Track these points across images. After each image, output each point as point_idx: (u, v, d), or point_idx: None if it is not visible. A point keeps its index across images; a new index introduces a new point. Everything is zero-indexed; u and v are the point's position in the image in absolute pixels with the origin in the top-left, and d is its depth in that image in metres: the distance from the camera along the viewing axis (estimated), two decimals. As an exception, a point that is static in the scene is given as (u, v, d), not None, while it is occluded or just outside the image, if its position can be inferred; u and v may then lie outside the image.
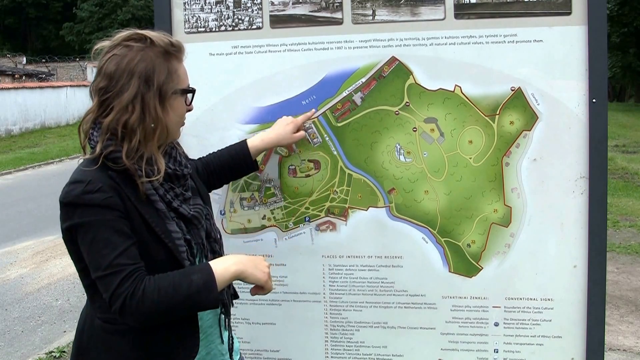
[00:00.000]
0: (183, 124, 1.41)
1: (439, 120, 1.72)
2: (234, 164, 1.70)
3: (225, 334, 1.52)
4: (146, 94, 1.27)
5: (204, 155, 1.72)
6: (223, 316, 1.49)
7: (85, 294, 1.39)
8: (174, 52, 1.33)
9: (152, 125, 1.27)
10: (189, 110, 1.41)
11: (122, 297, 1.21)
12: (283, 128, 1.72)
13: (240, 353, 1.62)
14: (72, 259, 1.35)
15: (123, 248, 1.23)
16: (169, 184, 1.36)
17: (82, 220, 1.24)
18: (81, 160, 1.31)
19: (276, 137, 1.71)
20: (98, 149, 1.27)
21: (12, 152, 14.58)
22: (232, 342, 1.54)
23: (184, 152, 1.53)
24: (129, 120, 1.25)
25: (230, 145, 1.73)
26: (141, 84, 1.26)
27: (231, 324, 1.55)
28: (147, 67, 1.27)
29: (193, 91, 1.39)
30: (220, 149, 1.74)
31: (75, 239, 1.27)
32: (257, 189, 1.84)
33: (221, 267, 1.31)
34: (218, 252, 1.48)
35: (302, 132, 1.75)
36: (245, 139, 1.73)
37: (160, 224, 1.31)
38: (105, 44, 1.32)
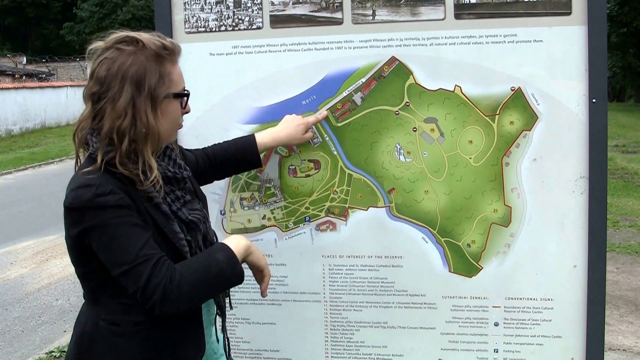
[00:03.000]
0: (180, 126, 1.39)
1: (439, 120, 1.72)
2: (240, 158, 1.69)
3: (221, 336, 1.51)
4: (137, 100, 1.24)
5: (209, 146, 1.70)
6: (219, 317, 1.49)
7: (86, 297, 1.39)
8: (166, 54, 1.30)
9: (144, 130, 1.25)
10: (186, 113, 1.39)
11: (162, 284, 1.20)
12: (294, 128, 1.70)
13: None
14: (74, 263, 1.33)
15: (145, 239, 1.24)
16: (169, 187, 1.36)
17: (97, 222, 1.22)
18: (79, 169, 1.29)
19: (287, 136, 1.70)
20: (100, 156, 1.25)
21: (13, 152, 14.58)
22: (228, 344, 1.54)
23: (180, 150, 1.52)
24: (121, 126, 1.24)
25: (237, 138, 1.71)
26: (133, 89, 1.24)
27: (227, 327, 1.55)
28: (139, 72, 1.25)
29: (187, 94, 1.36)
30: (226, 140, 1.72)
31: (83, 244, 1.26)
32: (257, 189, 1.84)
33: (234, 243, 1.35)
34: None
35: (310, 133, 1.75)
36: (253, 134, 1.72)
37: (167, 225, 1.31)
38: (99, 44, 1.30)
